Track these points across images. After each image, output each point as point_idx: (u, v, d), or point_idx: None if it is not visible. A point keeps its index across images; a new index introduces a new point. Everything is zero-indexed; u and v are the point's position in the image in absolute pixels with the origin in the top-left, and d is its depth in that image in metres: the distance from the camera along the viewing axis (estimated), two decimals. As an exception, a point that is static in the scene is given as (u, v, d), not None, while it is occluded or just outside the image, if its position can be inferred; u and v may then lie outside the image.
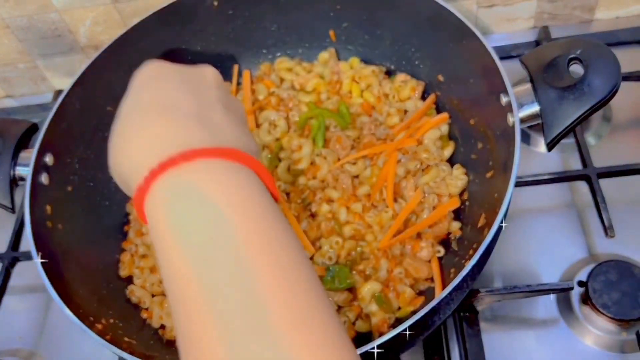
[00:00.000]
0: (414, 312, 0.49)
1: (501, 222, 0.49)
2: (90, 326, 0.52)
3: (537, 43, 0.83)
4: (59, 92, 0.92)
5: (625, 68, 0.55)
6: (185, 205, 0.34)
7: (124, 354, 0.50)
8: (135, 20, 0.71)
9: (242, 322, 0.30)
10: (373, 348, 0.46)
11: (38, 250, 0.56)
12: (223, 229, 0.32)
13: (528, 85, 0.55)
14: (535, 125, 0.74)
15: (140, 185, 0.35)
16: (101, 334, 0.52)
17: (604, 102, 0.51)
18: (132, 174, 0.37)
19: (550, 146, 0.54)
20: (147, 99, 0.40)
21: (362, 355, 0.47)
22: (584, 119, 0.52)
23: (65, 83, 0.94)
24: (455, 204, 0.63)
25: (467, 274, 0.48)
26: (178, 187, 0.34)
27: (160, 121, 0.38)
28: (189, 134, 0.37)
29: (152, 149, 0.36)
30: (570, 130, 0.52)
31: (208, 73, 0.43)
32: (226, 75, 0.80)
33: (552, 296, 0.64)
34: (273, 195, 0.38)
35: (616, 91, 0.51)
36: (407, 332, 0.46)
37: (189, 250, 0.32)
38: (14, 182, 0.62)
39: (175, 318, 0.33)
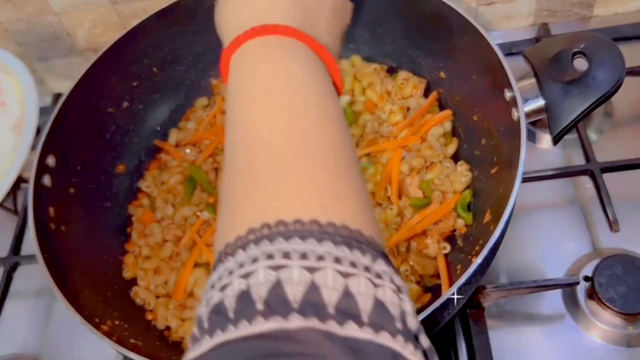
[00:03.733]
0: (420, 309, 0.49)
1: (510, 213, 0.49)
2: (96, 328, 0.52)
3: (537, 40, 0.83)
4: (58, 95, 0.92)
5: (625, 63, 0.55)
6: (266, 63, 0.38)
7: (132, 354, 0.49)
8: (134, 22, 0.70)
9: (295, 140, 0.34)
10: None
11: (42, 252, 0.55)
12: (282, 90, 0.37)
13: (532, 80, 0.55)
14: (537, 122, 0.75)
15: (226, 49, 0.41)
16: (107, 335, 0.51)
17: (608, 95, 0.51)
18: (228, 33, 0.42)
19: (555, 140, 0.54)
20: None
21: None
22: (589, 112, 0.52)
23: (64, 86, 0.93)
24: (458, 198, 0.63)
25: (477, 269, 0.48)
26: (255, 55, 0.39)
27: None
28: (287, 13, 0.41)
29: (251, 14, 0.41)
30: (575, 124, 0.53)
31: None
32: (227, 75, 0.79)
33: (558, 291, 0.64)
34: (338, 85, 0.42)
35: (621, 84, 0.51)
36: (424, 317, 0.46)
37: (258, 101, 0.37)
38: (17, 184, 0.62)
39: (229, 161, 0.36)
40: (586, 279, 0.63)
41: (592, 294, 0.61)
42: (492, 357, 0.60)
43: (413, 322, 0.29)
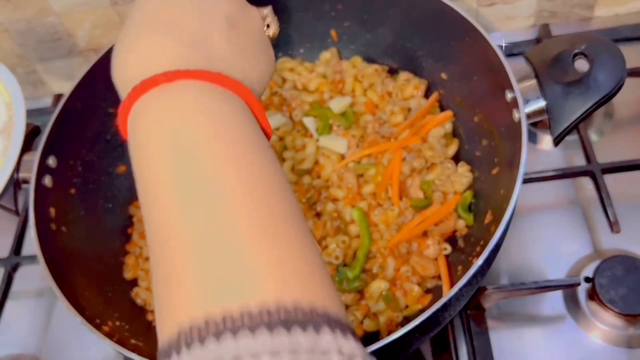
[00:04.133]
0: (421, 310, 0.49)
1: (511, 214, 0.49)
2: (97, 328, 0.52)
3: (538, 41, 0.83)
4: (58, 96, 0.92)
5: (626, 65, 0.55)
6: (162, 127, 0.34)
7: (132, 355, 0.49)
8: (135, 23, 0.70)
9: (208, 228, 0.30)
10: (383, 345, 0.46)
11: (43, 252, 0.55)
12: (195, 150, 0.32)
13: (533, 81, 0.55)
14: (537, 123, 0.74)
15: (124, 102, 0.36)
16: (108, 336, 0.51)
17: (610, 96, 0.51)
18: (121, 88, 0.38)
19: (557, 141, 0.54)
20: (149, 10, 0.39)
21: (371, 354, 0.46)
22: (590, 113, 0.52)
23: (64, 87, 0.93)
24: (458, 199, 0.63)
25: (478, 270, 0.48)
26: (156, 108, 0.34)
27: (155, 37, 0.37)
28: (179, 55, 0.36)
29: (141, 65, 0.36)
30: (576, 125, 0.53)
31: None
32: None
33: (559, 292, 0.64)
34: (264, 128, 0.37)
35: (622, 85, 0.51)
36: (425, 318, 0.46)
37: (161, 165, 0.33)
38: (18, 185, 0.62)
39: (147, 232, 0.33)
40: (587, 280, 0.63)
41: (592, 295, 0.61)
42: (493, 358, 0.60)
43: None
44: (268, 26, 0.50)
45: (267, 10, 0.48)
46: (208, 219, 0.30)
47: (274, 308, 0.26)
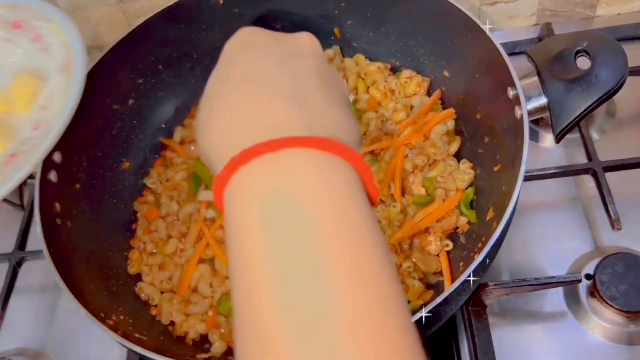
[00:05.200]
0: (423, 306, 0.50)
1: (512, 210, 0.50)
2: (101, 322, 0.52)
3: (540, 40, 0.84)
4: (63, 93, 0.92)
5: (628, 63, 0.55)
6: (266, 202, 0.30)
7: (136, 348, 0.50)
8: (139, 20, 0.71)
9: (309, 324, 0.27)
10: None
11: (48, 247, 0.56)
12: (303, 229, 0.29)
13: (535, 78, 0.55)
14: (539, 120, 0.75)
15: (220, 174, 0.32)
16: (112, 329, 0.52)
17: (612, 93, 0.52)
18: (215, 158, 0.33)
19: (558, 138, 0.54)
20: (236, 72, 0.36)
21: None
22: (591, 110, 0.52)
23: (69, 84, 0.94)
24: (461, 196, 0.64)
25: (479, 266, 0.48)
26: (260, 181, 0.30)
27: (247, 100, 0.34)
28: (279, 117, 0.32)
29: (236, 133, 0.32)
30: (578, 122, 0.53)
31: (304, 39, 0.39)
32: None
33: (560, 289, 0.64)
34: (371, 194, 0.33)
35: (624, 82, 0.52)
36: (424, 315, 0.46)
37: (264, 247, 0.29)
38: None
39: (237, 317, 0.29)
40: (588, 276, 0.63)
41: (593, 292, 0.61)
42: (494, 354, 0.60)
43: None
44: None
45: None
46: (311, 313, 0.27)
47: None
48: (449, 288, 0.48)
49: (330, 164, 0.31)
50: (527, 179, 0.68)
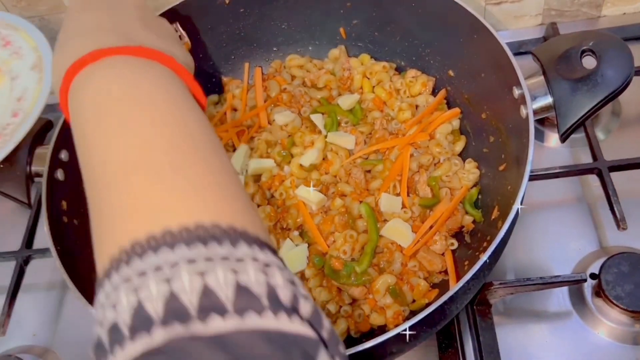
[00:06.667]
0: (428, 305, 0.50)
1: (518, 209, 0.50)
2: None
3: (545, 39, 0.84)
4: (69, 92, 0.93)
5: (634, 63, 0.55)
6: (94, 100, 0.38)
7: (143, 346, 0.50)
8: (146, 19, 0.71)
9: (132, 164, 0.34)
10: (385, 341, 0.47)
11: (55, 245, 0.56)
12: (110, 106, 0.37)
13: (541, 78, 0.55)
14: (545, 120, 0.75)
15: (60, 88, 0.41)
16: (119, 327, 0.52)
17: (617, 93, 0.51)
18: (57, 76, 0.43)
19: (564, 137, 0.54)
20: (79, 20, 0.46)
21: (376, 347, 0.47)
22: (597, 109, 0.52)
23: (75, 83, 0.94)
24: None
25: (484, 265, 0.48)
26: (89, 85, 0.39)
27: (79, 37, 0.43)
28: (103, 39, 0.42)
29: (70, 56, 0.41)
30: (583, 121, 0.53)
31: None
32: (237, 73, 0.80)
33: (565, 289, 0.64)
34: (198, 98, 0.43)
35: (630, 81, 0.52)
36: (431, 311, 0.46)
37: (90, 124, 0.38)
38: (30, 178, 0.63)
39: (84, 176, 0.38)
40: (593, 276, 0.63)
41: (598, 292, 0.61)
42: (499, 353, 0.60)
43: (286, 293, 0.29)
44: (180, 37, 0.62)
45: (175, 25, 0.57)
46: (131, 157, 0.34)
47: (193, 227, 0.30)
48: (454, 287, 0.48)
49: (143, 64, 0.41)
50: (532, 178, 0.68)
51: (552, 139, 0.75)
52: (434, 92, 0.73)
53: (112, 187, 0.34)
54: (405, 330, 0.46)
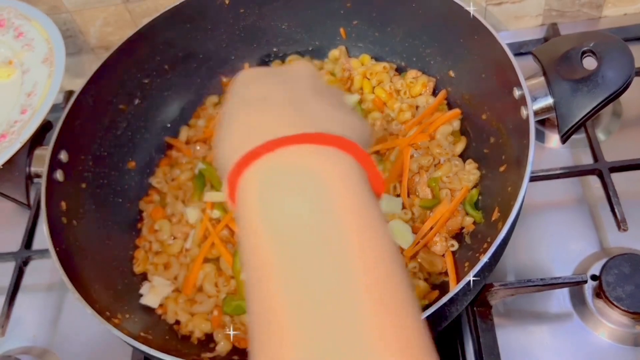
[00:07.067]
0: (428, 306, 0.49)
1: (518, 210, 0.49)
2: (107, 321, 0.53)
3: (546, 40, 0.83)
4: (69, 93, 0.92)
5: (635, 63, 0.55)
6: (273, 193, 0.32)
7: (142, 347, 0.50)
8: (145, 20, 0.71)
9: (326, 324, 0.28)
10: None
11: (54, 246, 0.56)
12: (310, 216, 0.31)
13: (541, 79, 0.55)
14: (545, 121, 0.75)
15: (230, 174, 0.35)
16: (118, 328, 0.52)
17: (618, 94, 0.51)
18: (227, 165, 0.36)
19: (564, 138, 0.54)
20: (244, 96, 0.40)
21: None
22: (598, 110, 0.52)
23: (75, 84, 0.94)
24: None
25: (484, 266, 0.48)
26: (261, 179, 0.33)
27: (254, 114, 0.38)
28: (280, 122, 0.36)
29: (245, 140, 0.35)
30: (584, 122, 0.53)
31: (299, 65, 0.43)
32: (238, 72, 0.80)
33: (565, 290, 0.64)
34: (375, 185, 0.36)
35: (630, 82, 0.52)
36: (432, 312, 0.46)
37: (275, 237, 0.31)
38: (30, 178, 0.63)
39: (250, 309, 0.31)
40: (594, 277, 0.63)
41: (599, 293, 0.61)
42: (499, 355, 0.60)
43: None
44: None
45: None
46: (321, 289, 0.29)
47: None
48: (454, 288, 0.48)
49: (326, 154, 0.34)
50: (533, 179, 0.68)
51: (553, 139, 0.75)
52: (435, 93, 0.73)
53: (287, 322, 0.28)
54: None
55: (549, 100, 0.55)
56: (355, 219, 0.31)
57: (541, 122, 0.75)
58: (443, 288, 0.61)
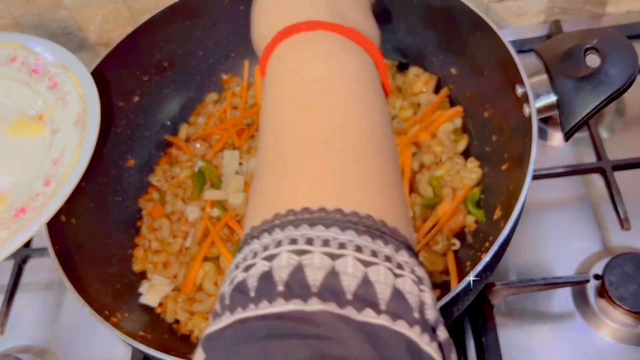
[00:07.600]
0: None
1: (520, 209, 0.49)
2: (106, 320, 0.52)
3: (549, 37, 0.83)
4: (69, 90, 0.92)
5: (638, 61, 0.54)
6: (297, 64, 0.38)
7: (141, 346, 0.49)
8: (145, 17, 0.71)
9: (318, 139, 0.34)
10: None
11: (53, 244, 0.56)
12: (325, 86, 0.37)
13: (544, 76, 0.54)
14: (548, 119, 0.74)
15: (268, 44, 0.40)
16: (117, 327, 0.52)
17: (622, 91, 0.51)
18: (265, 38, 0.42)
19: (567, 136, 0.53)
20: None
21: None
22: (601, 108, 0.52)
23: (74, 81, 0.94)
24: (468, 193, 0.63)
25: (486, 265, 0.48)
26: (297, 51, 0.39)
27: (294, 3, 0.43)
28: (316, 10, 0.41)
29: (283, 19, 0.41)
30: (587, 120, 0.52)
31: None
32: (237, 70, 0.80)
33: (568, 290, 0.64)
34: (385, 85, 0.41)
35: (634, 80, 0.51)
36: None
37: (289, 94, 0.37)
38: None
39: (264, 132, 0.37)
40: (596, 277, 0.63)
41: (602, 292, 0.61)
42: (501, 354, 0.60)
43: (431, 314, 0.29)
44: None
45: None
46: (320, 137, 0.34)
47: (364, 216, 0.30)
48: (455, 288, 0.47)
49: (352, 48, 0.40)
50: (535, 177, 0.67)
51: (556, 137, 0.74)
52: (437, 90, 0.73)
53: (294, 159, 0.34)
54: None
55: (551, 98, 0.54)
56: (362, 87, 0.37)
57: (544, 120, 0.75)
58: (445, 287, 0.60)
